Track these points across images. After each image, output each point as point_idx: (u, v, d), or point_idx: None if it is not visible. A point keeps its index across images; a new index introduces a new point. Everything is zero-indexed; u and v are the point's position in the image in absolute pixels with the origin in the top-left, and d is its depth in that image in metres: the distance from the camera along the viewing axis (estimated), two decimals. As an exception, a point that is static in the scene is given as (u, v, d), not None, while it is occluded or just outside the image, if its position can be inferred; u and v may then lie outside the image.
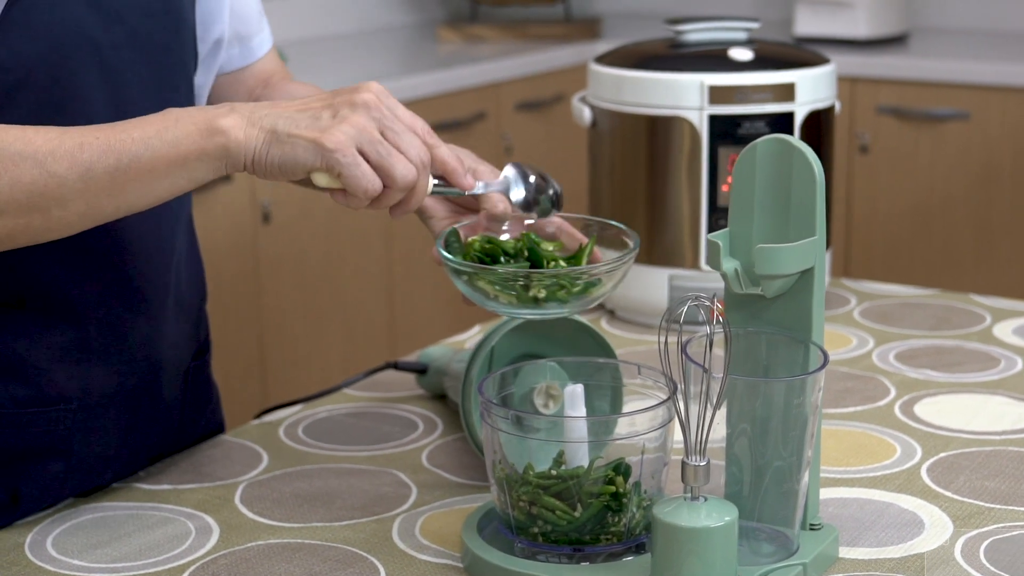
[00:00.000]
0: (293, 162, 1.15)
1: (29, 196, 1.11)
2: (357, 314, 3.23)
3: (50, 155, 1.11)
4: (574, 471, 1.20)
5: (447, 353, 1.60)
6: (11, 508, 1.29)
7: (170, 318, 1.35)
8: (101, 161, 1.12)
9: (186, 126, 1.14)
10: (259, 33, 1.46)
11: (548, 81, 3.71)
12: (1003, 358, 1.71)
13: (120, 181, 1.12)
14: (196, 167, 1.14)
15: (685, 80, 1.77)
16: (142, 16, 1.28)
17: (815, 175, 1.18)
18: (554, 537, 1.20)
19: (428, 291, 3.40)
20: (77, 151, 1.12)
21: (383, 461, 1.44)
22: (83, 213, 1.13)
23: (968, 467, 1.41)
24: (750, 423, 1.17)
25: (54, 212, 1.12)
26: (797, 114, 1.78)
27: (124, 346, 1.32)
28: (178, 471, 1.42)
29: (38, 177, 1.11)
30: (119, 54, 1.25)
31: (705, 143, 1.77)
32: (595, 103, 1.87)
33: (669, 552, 1.13)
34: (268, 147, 1.15)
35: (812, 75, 1.80)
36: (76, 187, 1.11)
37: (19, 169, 1.10)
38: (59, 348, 1.28)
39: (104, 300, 1.30)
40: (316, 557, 1.24)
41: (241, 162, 1.15)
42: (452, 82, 3.38)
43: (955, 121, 3.41)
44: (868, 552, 1.24)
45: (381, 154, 1.15)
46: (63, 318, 1.28)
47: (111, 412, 1.32)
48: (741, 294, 1.21)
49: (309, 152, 1.14)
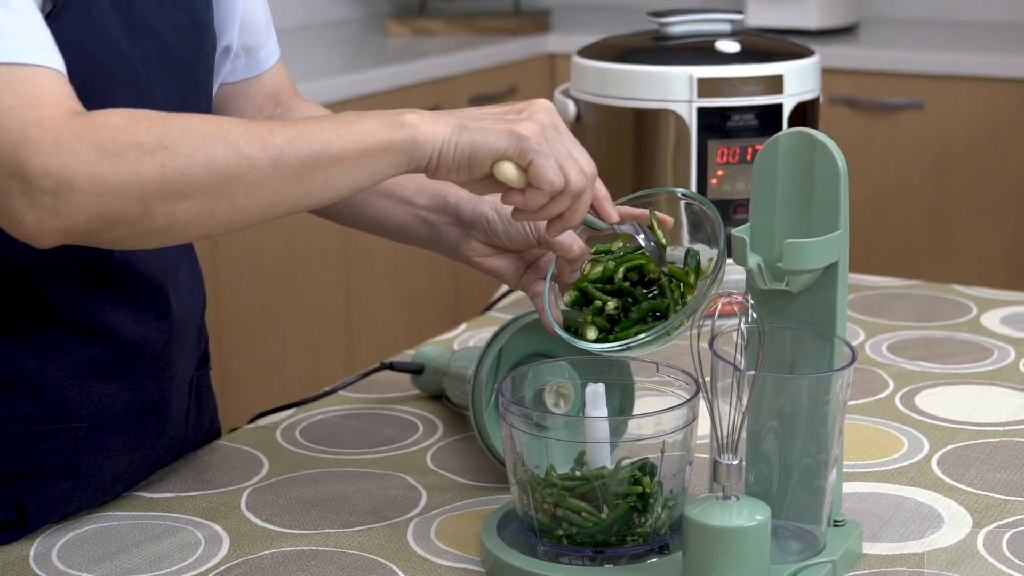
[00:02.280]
0: (486, 148, 1.12)
1: (220, 179, 1.05)
2: (315, 312, 3.19)
3: (242, 137, 1.06)
4: (598, 472, 1.18)
5: (444, 353, 1.58)
6: (16, 526, 1.26)
7: (177, 329, 1.32)
8: (291, 146, 1.07)
9: (370, 120, 1.11)
10: (266, 45, 1.42)
11: (501, 74, 3.69)
12: (995, 348, 1.71)
13: (308, 169, 1.08)
14: (382, 159, 1.11)
15: (673, 73, 1.75)
16: (171, 29, 1.25)
17: (839, 168, 1.16)
18: (579, 539, 1.18)
19: (385, 288, 3.37)
20: (267, 135, 1.07)
21: (387, 464, 1.42)
22: (267, 202, 1.08)
23: (977, 459, 1.41)
24: (778, 420, 1.16)
25: (240, 198, 1.06)
26: (785, 106, 1.77)
27: (137, 361, 1.28)
28: (179, 479, 1.39)
29: (231, 158, 1.05)
30: (149, 70, 1.22)
31: (694, 136, 1.75)
32: (579, 96, 1.85)
33: (701, 552, 1.11)
34: (458, 135, 1.12)
35: (799, 67, 1.79)
36: (267, 172, 1.06)
37: (212, 150, 1.05)
38: (73, 366, 1.25)
39: (117, 316, 1.26)
40: (334, 565, 1.21)
41: (428, 154, 1.12)
42: (407, 76, 3.35)
43: (909, 111, 3.42)
44: (891, 547, 1.23)
45: (561, 153, 1.14)
46: (79, 336, 1.24)
47: (121, 429, 1.29)
48: (764, 289, 1.19)
49: (502, 137, 1.13)
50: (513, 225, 1.29)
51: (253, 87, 1.42)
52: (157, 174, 1.03)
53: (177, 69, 1.26)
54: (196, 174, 1.04)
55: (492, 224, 1.30)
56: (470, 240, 1.32)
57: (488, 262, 1.32)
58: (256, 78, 1.42)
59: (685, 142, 1.76)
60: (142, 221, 1.04)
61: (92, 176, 1.01)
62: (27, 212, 1.01)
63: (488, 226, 1.30)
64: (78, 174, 1.01)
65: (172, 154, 1.03)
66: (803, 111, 1.80)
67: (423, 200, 1.34)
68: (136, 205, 1.03)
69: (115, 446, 1.29)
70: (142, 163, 1.02)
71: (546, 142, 1.14)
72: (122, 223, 1.03)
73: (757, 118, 1.75)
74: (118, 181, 1.02)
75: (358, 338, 3.30)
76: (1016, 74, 3.31)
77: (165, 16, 1.25)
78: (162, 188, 1.03)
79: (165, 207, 1.04)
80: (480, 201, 1.32)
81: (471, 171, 1.14)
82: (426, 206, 1.34)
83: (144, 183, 1.03)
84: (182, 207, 1.05)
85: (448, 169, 1.13)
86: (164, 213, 1.04)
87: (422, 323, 3.49)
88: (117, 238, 1.05)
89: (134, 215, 1.03)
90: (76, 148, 1.01)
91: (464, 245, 1.33)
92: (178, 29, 1.26)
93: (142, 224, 1.04)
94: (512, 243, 1.30)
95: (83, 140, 1.01)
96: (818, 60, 1.83)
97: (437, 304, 3.54)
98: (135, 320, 1.28)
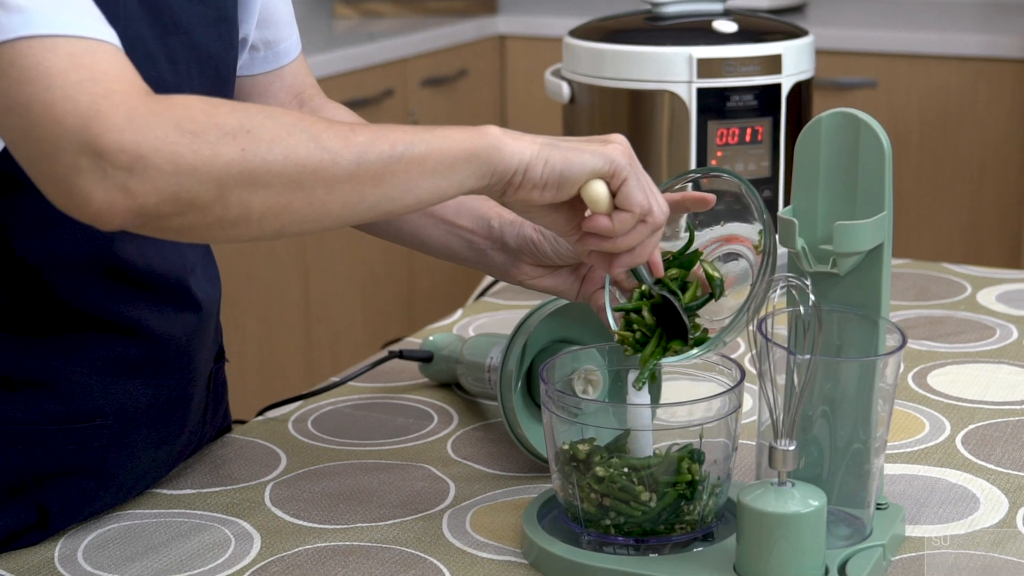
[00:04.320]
0: (579, 166, 1.09)
1: (300, 171, 0.99)
2: (273, 299, 3.15)
3: (324, 131, 1.01)
4: (646, 460, 1.16)
5: (454, 341, 1.55)
6: (38, 528, 1.22)
7: (200, 322, 1.29)
8: (374, 146, 1.02)
9: (452, 130, 1.07)
10: (287, 39, 1.38)
11: (451, 57, 3.65)
12: (997, 327, 1.71)
13: (390, 171, 1.03)
14: (464, 169, 1.06)
15: (672, 53, 1.74)
16: (199, 25, 1.21)
17: (883, 148, 1.15)
18: (627, 528, 1.16)
19: (343, 273, 3.33)
20: (350, 132, 1.02)
21: (408, 455, 1.39)
22: (345, 201, 1.02)
23: (1000, 439, 1.40)
24: (829, 405, 1.15)
25: (319, 193, 1.01)
26: (784, 85, 1.76)
27: (162, 356, 1.25)
28: (196, 474, 1.35)
29: (313, 151, 1.00)
30: (175, 67, 1.18)
31: (694, 117, 1.74)
32: (572, 78, 1.83)
33: (758, 539, 1.10)
34: (548, 152, 1.09)
35: (796, 46, 1.78)
36: (348, 168, 1.01)
37: (294, 139, 0.99)
38: (98, 363, 1.21)
39: (142, 312, 1.22)
40: (373, 560, 1.19)
41: (513, 168, 1.08)
42: (357, 60, 3.31)
43: (862, 90, 3.43)
44: (933, 529, 1.23)
45: (644, 184, 1.12)
46: (103, 333, 1.21)
47: (144, 426, 1.25)
48: (810, 272, 1.18)
49: (597, 157, 1.10)
50: (560, 242, 1.27)
51: (275, 82, 1.38)
52: (238, 157, 0.97)
53: (204, 66, 1.22)
54: (277, 162, 0.98)
55: (539, 246, 1.28)
56: (520, 264, 1.30)
57: (542, 283, 1.30)
58: (277, 72, 1.38)
59: (683, 123, 1.74)
60: (216, 207, 0.97)
61: (169, 154, 0.94)
62: (97, 190, 0.94)
63: (535, 248, 1.28)
64: (155, 151, 0.94)
65: (253, 139, 0.97)
66: (799, 91, 1.79)
67: (466, 222, 1.31)
68: (212, 189, 0.96)
69: (138, 444, 1.26)
70: (222, 144, 0.96)
71: (634, 167, 1.12)
72: (195, 208, 0.96)
73: (756, 98, 1.74)
74: (197, 161, 0.95)
75: (316, 322, 3.27)
76: (969, 52, 3.33)
77: (193, 12, 1.21)
78: (241, 173, 0.97)
79: (242, 194, 0.98)
80: (522, 224, 1.29)
81: (559, 190, 1.10)
82: (470, 228, 1.31)
83: (224, 165, 0.96)
84: (259, 197, 0.98)
85: (533, 186, 1.09)
86: (239, 201, 0.98)
87: (378, 308, 3.46)
88: (187, 225, 0.98)
89: (209, 199, 0.97)
90: (153, 124, 0.94)
91: (515, 270, 1.31)
92: (206, 25, 1.22)
93: (215, 211, 0.97)
94: (562, 259, 1.28)
95: (159, 116, 0.95)
96: (813, 40, 1.82)
97: (393, 287, 3.51)
98: (159, 315, 1.24)
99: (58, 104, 0.93)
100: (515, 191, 1.10)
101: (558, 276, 1.30)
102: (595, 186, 1.11)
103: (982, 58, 3.33)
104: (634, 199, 1.11)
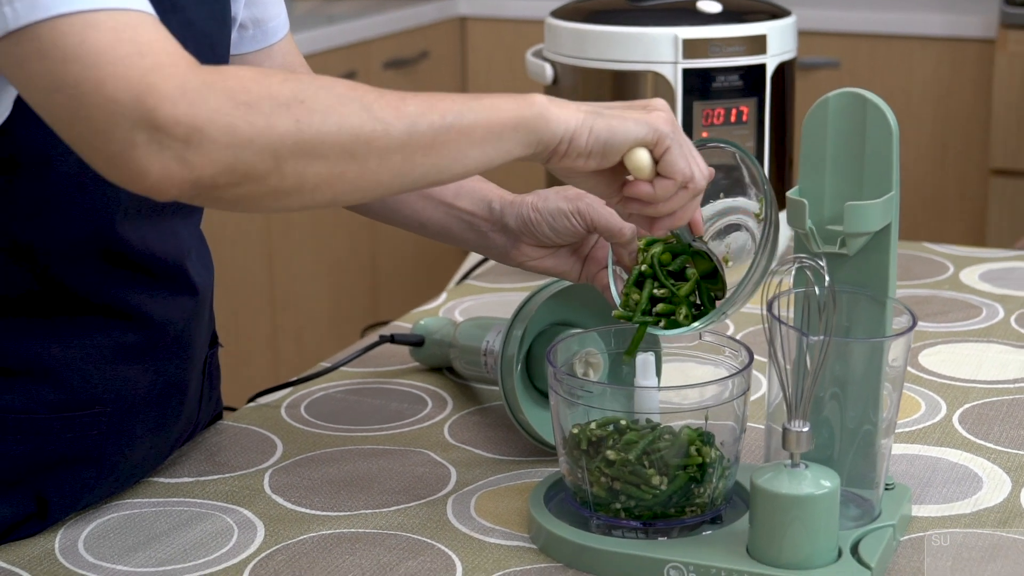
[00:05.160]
0: (623, 133, 1.09)
1: (354, 141, 0.98)
2: (237, 286, 3.13)
3: (376, 101, 1.00)
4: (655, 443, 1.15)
5: (446, 325, 1.54)
6: (37, 519, 1.20)
7: (195, 308, 1.27)
8: (425, 115, 1.02)
9: (499, 98, 1.06)
10: (276, 18, 1.37)
11: (413, 38, 3.63)
12: (983, 306, 1.72)
13: (441, 140, 1.02)
14: (511, 138, 1.06)
15: (658, 34, 1.73)
16: (195, 4, 1.19)
17: (891, 128, 1.15)
18: (637, 512, 1.15)
19: (308, 258, 3.31)
20: (400, 102, 1.01)
21: (405, 440, 1.38)
22: (397, 171, 1.01)
23: (997, 418, 1.41)
24: (839, 386, 1.14)
25: (371, 163, 1.00)
26: (768, 66, 1.76)
27: (160, 342, 1.23)
28: (192, 462, 1.33)
29: (366, 121, 0.99)
30: None
31: (679, 98, 1.73)
32: (555, 59, 1.82)
33: (772, 521, 1.10)
34: (593, 120, 1.08)
35: (780, 26, 1.78)
36: (400, 138, 1.00)
37: (347, 109, 0.98)
38: (96, 349, 1.19)
39: (140, 297, 1.21)
40: (380, 547, 1.17)
41: (559, 136, 1.07)
42: (318, 42, 3.28)
43: (825, 70, 3.44)
44: (939, 509, 1.23)
45: (686, 151, 1.12)
46: (102, 319, 1.19)
47: (143, 413, 1.23)
48: (817, 253, 1.17)
49: (641, 125, 1.09)
50: (558, 220, 1.27)
51: (265, 61, 1.36)
52: (292, 128, 0.96)
53: (200, 44, 1.20)
54: (331, 132, 0.97)
55: (537, 225, 1.28)
56: (520, 246, 1.30)
57: (543, 264, 1.30)
58: (266, 50, 1.36)
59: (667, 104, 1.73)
60: (271, 178, 0.96)
61: (225, 125, 0.93)
62: (154, 162, 0.92)
63: (533, 228, 1.28)
64: (210, 122, 0.93)
65: (307, 109, 0.96)
66: (783, 72, 1.79)
67: (466, 204, 1.31)
68: (268, 160, 0.95)
69: (137, 431, 1.24)
70: (277, 115, 0.95)
71: (676, 135, 1.11)
72: (251, 179, 0.95)
73: (741, 79, 1.74)
74: (252, 132, 0.94)
75: (280, 308, 3.24)
76: (931, 32, 3.35)
77: None
78: (296, 144, 0.96)
79: (297, 165, 0.97)
80: (520, 204, 1.29)
81: (604, 158, 1.10)
82: (470, 210, 1.31)
83: (279, 136, 0.95)
84: (313, 167, 0.98)
85: (579, 154, 1.09)
86: (294, 172, 0.97)
87: (343, 293, 3.44)
88: (241, 196, 0.97)
89: (264, 170, 0.96)
90: (206, 95, 0.93)
91: (515, 252, 1.31)
92: (199, 3, 1.20)
93: (270, 182, 0.96)
94: (561, 238, 1.28)
95: (212, 87, 0.94)
96: (795, 20, 1.82)
97: (357, 273, 3.49)
98: (157, 300, 1.22)
99: (108, 81, 0.91)
100: (560, 159, 1.09)
101: (559, 256, 1.29)
102: (639, 154, 1.11)
103: (945, 38, 3.34)
104: (677, 167, 1.11)
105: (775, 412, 1.16)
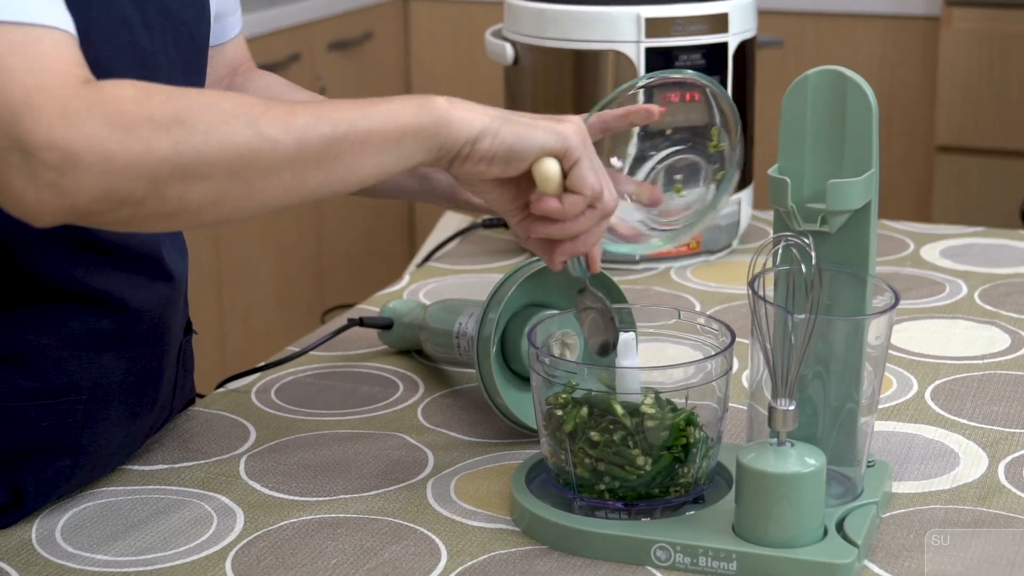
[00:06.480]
0: (530, 141, 1.06)
1: (238, 160, 0.96)
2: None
3: (263, 116, 0.97)
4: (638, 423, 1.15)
5: (415, 307, 1.53)
6: (13, 509, 1.18)
7: (171, 295, 1.25)
8: (315, 128, 0.99)
9: (397, 103, 1.03)
10: (233, 13, 1.35)
11: (356, 20, 3.61)
12: (946, 283, 1.72)
13: (333, 152, 1.00)
14: (410, 145, 1.03)
15: (620, 13, 1.72)
16: None
17: (871, 106, 1.15)
18: (621, 493, 1.15)
19: (254, 243, 3.28)
20: (289, 116, 0.98)
21: (379, 424, 1.37)
22: (287, 187, 0.99)
23: (968, 394, 1.41)
24: (823, 364, 1.15)
25: (258, 182, 0.97)
26: (730, 44, 1.76)
27: (136, 329, 1.21)
28: (165, 449, 1.32)
29: (251, 139, 0.96)
30: (151, 34, 1.14)
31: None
32: (516, 39, 1.81)
33: (758, 499, 1.10)
34: (499, 125, 1.06)
35: (741, 4, 1.78)
36: (289, 154, 0.98)
37: (231, 128, 0.95)
38: (72, 336, 1.17)
39: (115, 283, 1.19)
40: (362, 532, 1.16)
41: (461, 140, 1.05)
42: (262, 24, 3.25)
43: (769, 49, 3.44)
44: (918, 485, 1.23)
45: (596, 167, 1.10)
46: (76, 306, 1.17)
47: (118, 400, 1.22)
48: (799, 231, 1.17)
49: (550, 134, 1.07)
50: None
51: (216, 56, 1.34)
52: (170, 152, 0.93)
53: (179, 32, 1.18)
54: (212, 153, 0.95)
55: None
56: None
57: (489, 196, 1.24)
58: (220, 47, 1.35)
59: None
60: (150, 202, 0.94)
61: (101, 152, 0.91)
62: (28, 188, 0.91)
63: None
64: (86, 148, 0.91)
65: (187, 131, 0.94)
66: (743, 50, 1.79)
67: None
68: (145, 185, 0.93)
69: (113, 418, 1.22)
70: (155, 139, 0.93)
71: (587, 149, 1.10)
72: (128, 203, 0.93)
73: (704, 57, 1.73)
74: (128, 158, 0.92)
75: (227, 291, 3.22)
76: (876, 10, 3.36)
77: None
78: (174, 167, 0.94)
79: (177, 188, 0.94)
80: None
81: (508, 164, 1.08)
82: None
83: (157, 161, 0.93)
84: (195, 189, 0.95)
85: (481, 158, 1.07)
86: (175, 195, 0.94)
87: (289, 278, 3.42)
88: (121, 219, 0.95)
89: (142, 195, 0.93)
90: (85, 120, 0.91)
91: (460, 190, 1.29)
92: None
93: (150, 206, 0.94)
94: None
95: (92, 111, 0.91)
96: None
97: (303, 257, 3.47)
98: (133, 287, 1.20)
99: None
100: (462, 163, 1.07)
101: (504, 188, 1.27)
102: (547, 164, 1.09)
103: (890, 16, 3.36)
104: (586, 181, 1.09)
105: (757, 391, 1.16)
